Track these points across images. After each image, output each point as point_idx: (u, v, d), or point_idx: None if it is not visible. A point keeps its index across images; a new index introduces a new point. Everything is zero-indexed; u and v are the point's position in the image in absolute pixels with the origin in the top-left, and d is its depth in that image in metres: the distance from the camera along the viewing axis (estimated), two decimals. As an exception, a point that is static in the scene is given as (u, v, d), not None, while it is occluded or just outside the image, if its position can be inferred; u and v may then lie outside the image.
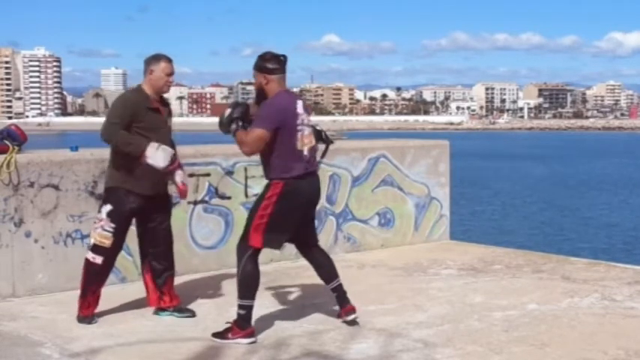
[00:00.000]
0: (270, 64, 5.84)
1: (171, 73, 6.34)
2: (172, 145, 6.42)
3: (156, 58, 6.36)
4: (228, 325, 5.86)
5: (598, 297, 7.06)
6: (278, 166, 5.82)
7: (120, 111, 6.21)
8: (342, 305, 6.19)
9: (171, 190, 6.53)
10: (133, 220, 6.46)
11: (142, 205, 6.31)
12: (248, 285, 5.83)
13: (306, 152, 5.88)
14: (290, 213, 5.85)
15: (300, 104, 5.88)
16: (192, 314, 6.48)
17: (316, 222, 6.55)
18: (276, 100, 5.80)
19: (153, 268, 6.51)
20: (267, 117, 5.72)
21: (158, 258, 6.48)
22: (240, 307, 5.82)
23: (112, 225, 6.26)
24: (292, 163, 5.81)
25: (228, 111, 5.89)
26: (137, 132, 6.18)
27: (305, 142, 5.87)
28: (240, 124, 5.81)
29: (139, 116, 6.19)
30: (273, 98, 5.82)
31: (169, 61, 6.36)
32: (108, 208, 6.28)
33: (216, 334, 5.84)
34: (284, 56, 5.90)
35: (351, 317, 6.15)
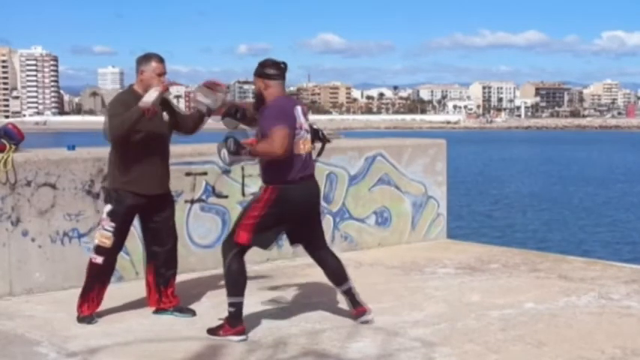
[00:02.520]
0: (270, 70, 5.90)
1: (162, 73, 6.29)
2: (168, 147, 6.45)
3: (146, 57, 6.30)
4: (221, 321, 5.90)
5: (595, 296, 7.07)
6: (273, 171, 5.84)
7: (116, 106, 6.18)
8: (354, 306, 6.21)
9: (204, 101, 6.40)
10: (135, 221, 6.46)
11: (143, 205, 6.29)
12: (235, 282, 5.85)
13: (303, 157, 5.90)
14: (281, 217, 5.87)
15: (298, 109, 5.92)
16: (193, 314, 6.48)
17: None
18: (278, 102, 5.84)
19: (157, 268, 6.49)
20: (277, 116, 5.74)
21: (163, 258, 6.46)
22: (229, 304, 5.85)
23: (112, 224, 6.26)
24: (287, 169, 5.81)
25: (223, 151, 5.75)
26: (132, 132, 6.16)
27: (303, 147, 5.90)
28: (247, 147, 5.74)
29: None
30: (274, 101, 5.84)
31: (161, 60, 6.29)
32: (108, 207, 6.29)
33: (210, 330, 5.89)
34: (284, 63, 5.97)
35: (363, 319, 6.16)
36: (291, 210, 5.88)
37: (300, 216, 5.99)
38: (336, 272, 6.20)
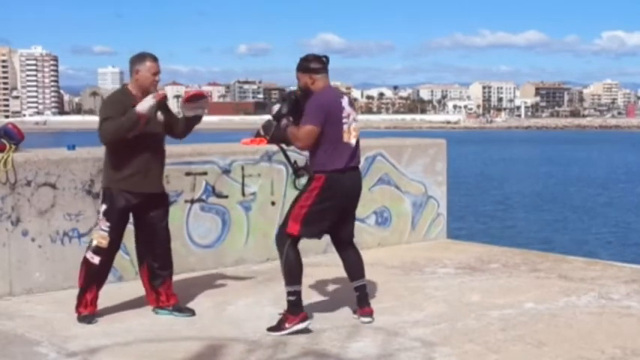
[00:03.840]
0: (314, 64, 6.09)
1: (157, 72, 6.30)
2: (163, 147, 6.46)
3: (141, 57, 6.30)
4: (281, 315, 5.97)
5: (595, 296, 7.07)
6: (322, 160, 5.99)
7: (110, 108, 6.19)
8: (360, 305, 6.28)
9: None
10: (132, 219, 6.46)
11: (137, 204, 6.30)
12: (293, 271, 5.99)
13: (353, 144, 6.06)
14: (329, 206, 6.00)
15: (345, 100, 6.10)
16: (192, 313, 6.47)
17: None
18: (321, 95, 6.01)
19: (151, 268, 6.49)
20: (314, 113, 5.93)
21: (157, 258, 6.47)
22: (289, 293, 5.97)
23: (108, 224, 6.27)
24: (336, 157, 5.97)
25: (276, 107, 6.15)
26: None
27: (352, 134, 6.06)
28: (291, 119, 6.06)
29: None
30: (318, 94, 6.01)
31: (155, 60, 6.31)
32: (103, 207, 6.31)
33: (271, 329, 5.94)
34: (326, 57, 6.17)
35: (366, 319, 6.21)
36: (340, 198, 6.03)
37: (346, 205, 6.14)
38: (354, 267, 6.31)
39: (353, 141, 6.06)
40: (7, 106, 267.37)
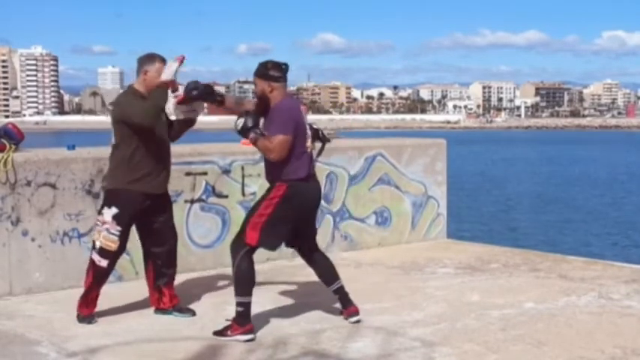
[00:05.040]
0: (273, 72, 5.95)
1: None
2: (169, 148, 6.47)
3: (150, 58, 6.29)
4: (228, 322, 5.90)
5: (595, 295, 7.07)
6: (283, 169, 5.88)
7: (131, 104, 6.16)
8: (344, 306, 6.25)
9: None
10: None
11: (146, 205, 6.29)
12: (244, 282, 5.89)
13: (309, 154, 6.02)
14: (290, 215, 5.92)
15: (302, 109, 6.07)
16: (193, 314, 6.47)
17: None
18: (286, 106, 5.92)
19: (156, 268, 6.48)
20: (285, 122, 5.83)
21: (162, 258, 6.46)
22: (238, 304, 5.87)
23: (119, 228, 6.22)
24: (299, 167, 5.90)
25: (241, 121, 5.89)
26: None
27: (308, 142, 6.02)
28: (259, 132, 5.86)
29: None
30: (282, 104, 5.91)
31: (164, 61, 6.29)
32: (113, 211, 6.21)
33: (216, 332, 5.88)
34: (285, 64, 6.03)
35: (353, 319, 6.19)
36: (300, 207, 5.96)
37: (307, 214, 6.08)
38: (327, 272, 6.27)
39: (309, 150, 6.03)
40: (7, 106, 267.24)
